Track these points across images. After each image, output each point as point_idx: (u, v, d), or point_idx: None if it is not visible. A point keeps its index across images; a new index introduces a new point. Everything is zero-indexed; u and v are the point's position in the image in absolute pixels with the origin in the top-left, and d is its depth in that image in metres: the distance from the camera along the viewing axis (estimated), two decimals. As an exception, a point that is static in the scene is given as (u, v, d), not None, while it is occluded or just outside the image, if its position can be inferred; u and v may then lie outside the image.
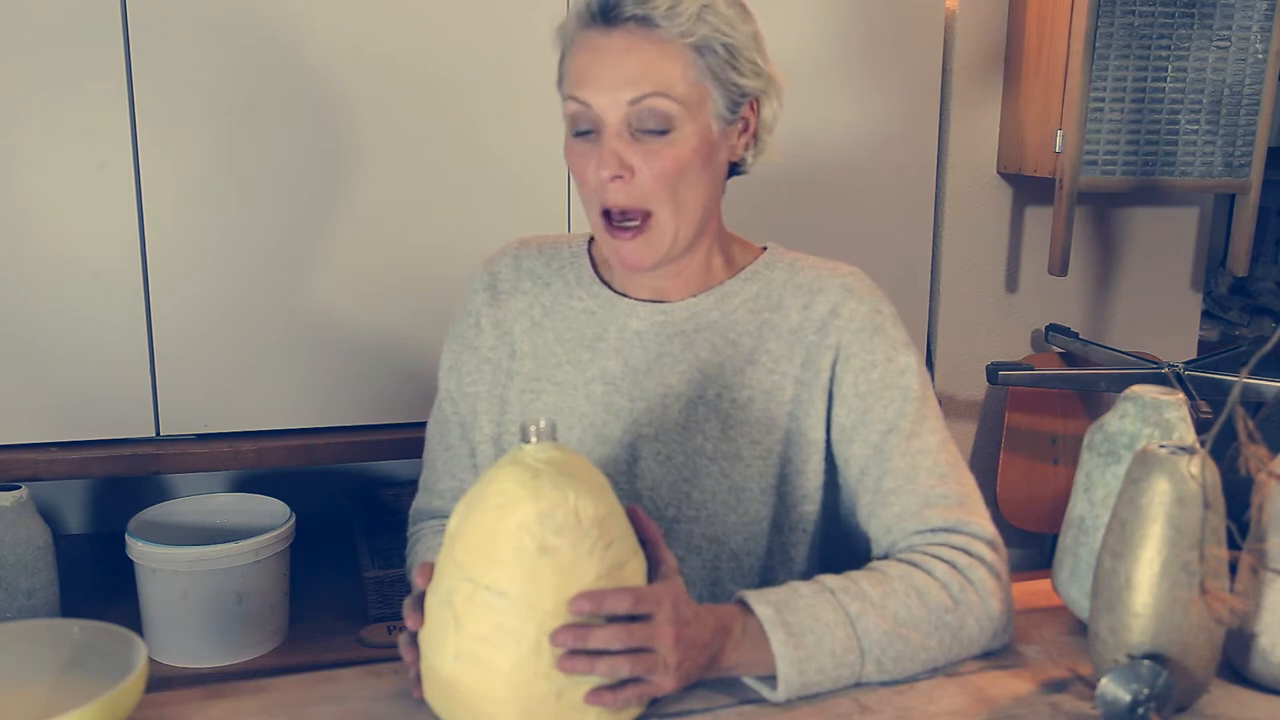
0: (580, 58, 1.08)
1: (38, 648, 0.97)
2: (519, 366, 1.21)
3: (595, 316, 1.19)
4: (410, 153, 1.83)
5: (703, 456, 1.16)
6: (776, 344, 1.16)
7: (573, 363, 1.19)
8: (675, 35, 1.05)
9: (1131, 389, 1.08)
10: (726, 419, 1.16)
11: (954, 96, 2.15)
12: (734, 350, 1.16)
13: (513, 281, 1.24)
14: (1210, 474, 0.91)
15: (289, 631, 1.71)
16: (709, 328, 1.17)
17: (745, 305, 1.18)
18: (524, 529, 0.86)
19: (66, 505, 2.00)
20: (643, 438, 1.16)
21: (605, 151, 1.07)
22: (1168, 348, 2.33)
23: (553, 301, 1.22)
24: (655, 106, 1.06)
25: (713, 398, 1.16)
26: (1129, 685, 0.90)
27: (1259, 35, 2.04)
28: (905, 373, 1.14)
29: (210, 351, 1.79)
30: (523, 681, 0.86)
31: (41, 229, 1.71)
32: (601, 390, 1.17)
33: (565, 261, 1.24)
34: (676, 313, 1.17)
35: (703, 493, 1.16)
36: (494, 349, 1.23)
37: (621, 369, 1.17)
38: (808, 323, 1.16)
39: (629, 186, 1.08)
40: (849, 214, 2.09)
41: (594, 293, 1.20)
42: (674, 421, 1.16)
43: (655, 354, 1.17)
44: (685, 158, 1.08)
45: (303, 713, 0.96)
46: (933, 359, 2.25)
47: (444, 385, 1.27)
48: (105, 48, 1.68)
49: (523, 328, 1.22)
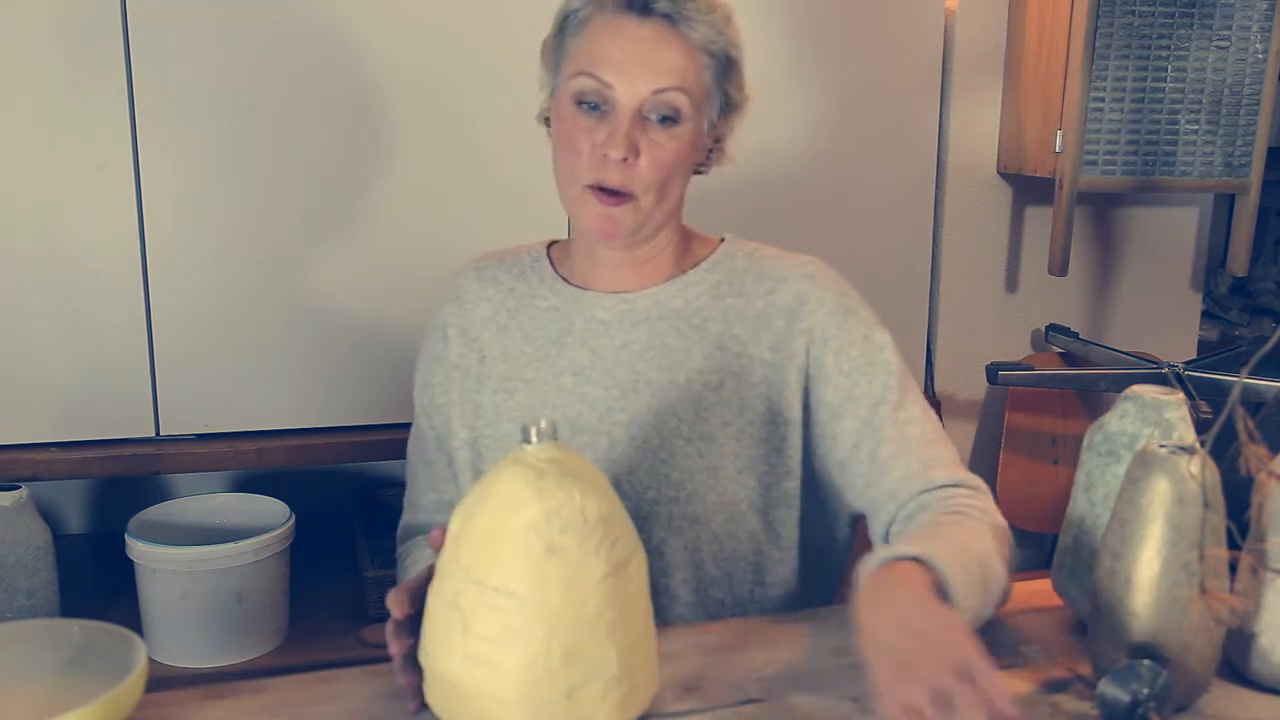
0: (606, 40, 1.12)
1: (38, 648, 0.97)
2: (489, 370, 1.25)
3: (560, 312, 1.24)
4: (411, 152, 1.83)
5: (678, 438, 1.19)
6: (741, 329, 1.21)
7: (542, 359, 1.22)
8: (699, 38, 1.13)
9: (1131, 389, 1.08)
10: (699, 401, 1.20)
11: (954, 97, 2.15)
12: (700, 335, 1.21)
13: (477, 290, 1.28)
14: (1210, 474, 0.91)
15: (289, 631, 1.71)
16: (673, 315, 1.22)
17: (708, 292, 1.23)
18: (531, 528, 0.86)
19: (66, 505, 2.00)
20: (617, 424, 1.20)
21: (619, 134, 1.11)
22: (1168, 348, 2.33)
23: (517, 304, 1.26)
24: (673, 100, 1.12)
25: (683, 381, 1.20)
26: (1129, 685, 0.90)
27: (1259, 35, 2.04)
28: (883, 348, 1.20)
29: (210, 351, 1.79)
30: (532, 681, 0.86)
31: (41, 229, 1.70)
32: (572, 381, 1.21)
33: (526, 266, 1.28)
34: (640, 301, 1.22)
35: (680, 473, 1.19)
36: (462, 356, 1.27)
37: (590, 359, 1.21)
38: (773, 308, 1.21)
39: (628, 169, 1.12)
40: (849, 214, 2.09)
41: (556, 290, 1.25)
42: (646, 406, 1.19)
43: (622, 342, 1.21)
44: (682, 152, 1.15)
45: (303, 713, 0.96)
46: (933, 359, 2.25)
47: (418, 402, 1.31)
48: (105, 48, 1.68)
49: (490, 333, 1.26)
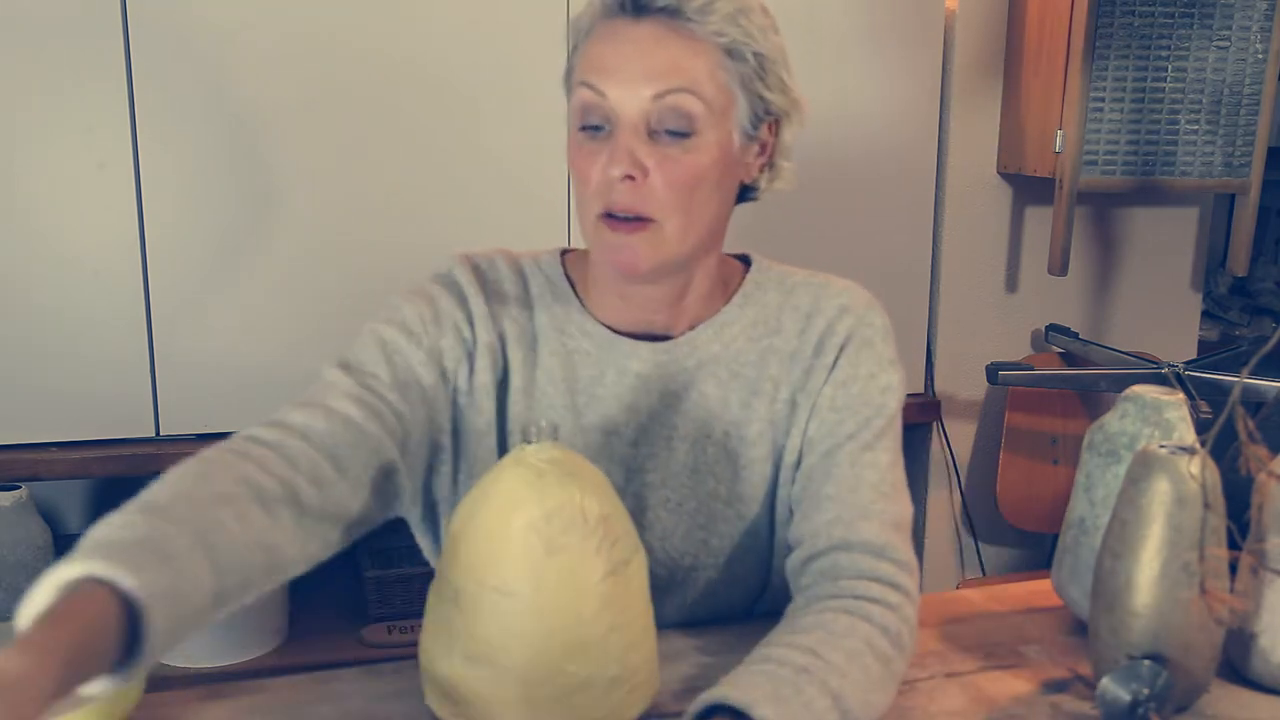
0: (600, 46, 0.99)
1: (38, 648, 0.97)
2: (512, 400, 1.09)
3: (592, 359, 1.09)
4: (411, 152, 1.83)
5: (717, 500, 1.09)
6: (778, 369, 1.10)
7: (568, 408, 1.08)
8: (707, 34, 0.97)
9: (1131, 389, 1.08)
10: (735, 457, 1.09)
11: (954, 96, 2.15)
12: (739, 383, 1.09)
13: (498, 300, 1.09)
14: (1210, 474, 0.91)
15: (289, 631, 1.72)
16: (712, 361, 1.09)
17: (745, 333, 1.10)
18: (531, 529, 0.85)
19: (66, 505, 2.00)
20: (649, 485, 1.09)
21: (618, 148, 0.97)
22: (1168, 348, 2.33)
23: (542, 337, 1.09)
24: (680, 105, 0.97)
25: (720, 436, 1.09)
26: (1129, 685, 0.90)
27: (1259, 35, 2.04)
28: (885, 391, 1.08)
29: (210, 351, 1.79)
30: (532, 682, 0.86)
31: (41, 229, 1.71)
32: (601, 439, 1.09)
33: (543, 287, 1.11)
34: (678, 350, 1.09)
35: (720, 539, 1.10)
36: (488, 353, 1.07)
37: (623, 414, 1.09)
38: (805, 345, 1.10)
39: (638, 190, 0.97)
40: (849, 214, 2.09)
41: (587, 331, 1.09)
42: (681, 465, 1.09)
43: (658, 395, 1.09)
44: (703, 167, 0.99)
45: (303, 713, 0.96)
46: (933, 359, 2.25)
47: (397, 322, 1.05)
48: (105, 48, 1.68)
49: (517, 358, 1.08)
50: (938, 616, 1.15)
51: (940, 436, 2.27)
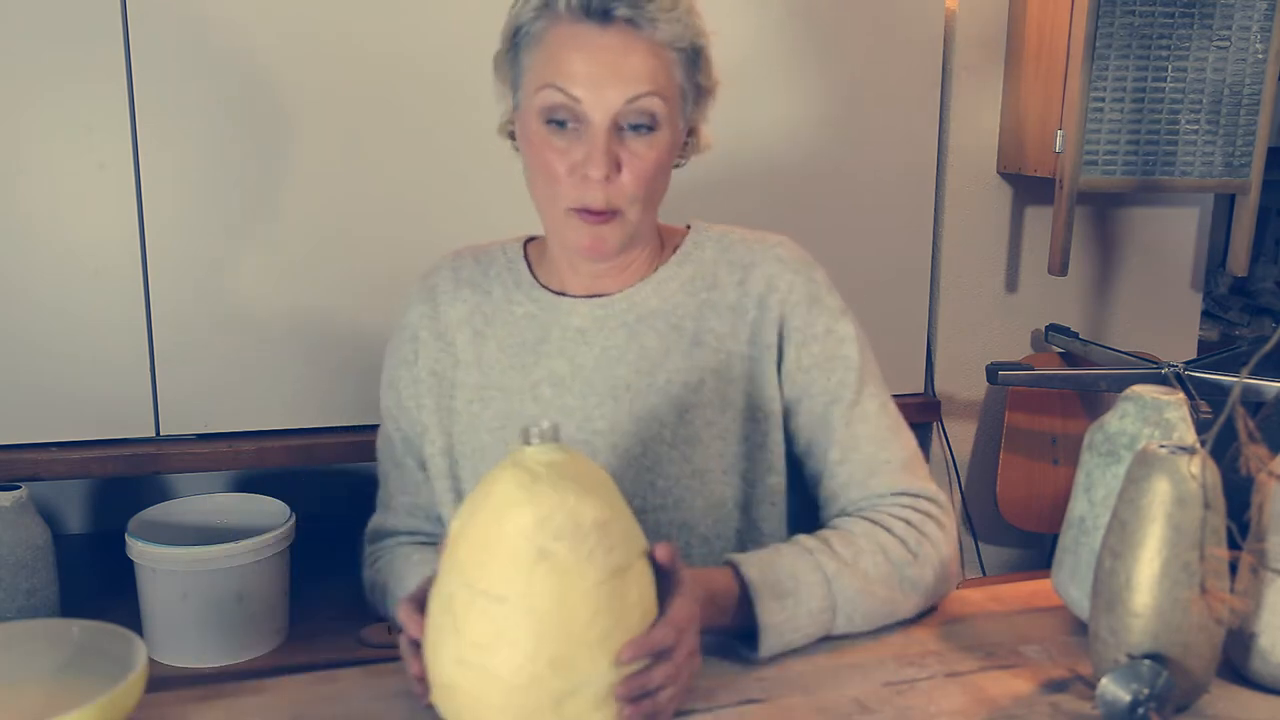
0: (567, 52, 1.06)
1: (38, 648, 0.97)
2: (463, 376, 1.22)
3: (537, 320, 1.20)
4: (411, 152, 1.83)
5: (661, 444, 1.17)
6: (718, 322, 1.18)
7: (518, 368, 1.19)
8: (666, 37, 1.07)
9: (1131, 389, 1.08)
10: (680, 403, 1.17)
11: (954, 96, 2.15)
12: (678, 334, 1.18)
13: (451, 292, 1.24)
14: (1210, 474, 0.91)
15: (289, 631, 1.72)
16: (650, 315, 1.18)
17: (683, 288, 1.20)
18: (521, 533, 0.85)
19: (66, 505, 2.00)
20: (597, 433, 1.17)
21: (597, 152, 1.06)
22: (1168, 348, 2.33)
23: (493, 310, 1.22)
24: (647, 106, 1.06)
25: (663, 384, 1.17)
26: (1129, 685, 0.90)
27: (1259, 35, 2.04)
28: (844, 342, 1.18)
29: (210, 351, 1.79)
30: (521, 688, 0.85)
31: (41, 229, 1.71)
32: (550, 392, 1.18)
33: (502, 267, 1.24)
34: (616, 305, 1.19)
35: (666, 479, 1.17)
36: (437, 360, 1.23)
37: (568, 368, 1.18)
38: (746, 298, 1.19)
39: (610, 186, 1.08)
40: (849, 213, 2.09)
41: (533, 296, 1.21)
42: (627, 413, 1.17)
43: (600, 349, 1.18)
44: (663, 158, 1.10)
45: (303, 713, 0.96)
46: (933, 359, 2.25)
47: (384, 404, 1.28)
48: (105, 48, 1.69)
49: (465, 337, 1.22)
50: (938, 616, 1.15)
51: (940, 436, 2.27)
